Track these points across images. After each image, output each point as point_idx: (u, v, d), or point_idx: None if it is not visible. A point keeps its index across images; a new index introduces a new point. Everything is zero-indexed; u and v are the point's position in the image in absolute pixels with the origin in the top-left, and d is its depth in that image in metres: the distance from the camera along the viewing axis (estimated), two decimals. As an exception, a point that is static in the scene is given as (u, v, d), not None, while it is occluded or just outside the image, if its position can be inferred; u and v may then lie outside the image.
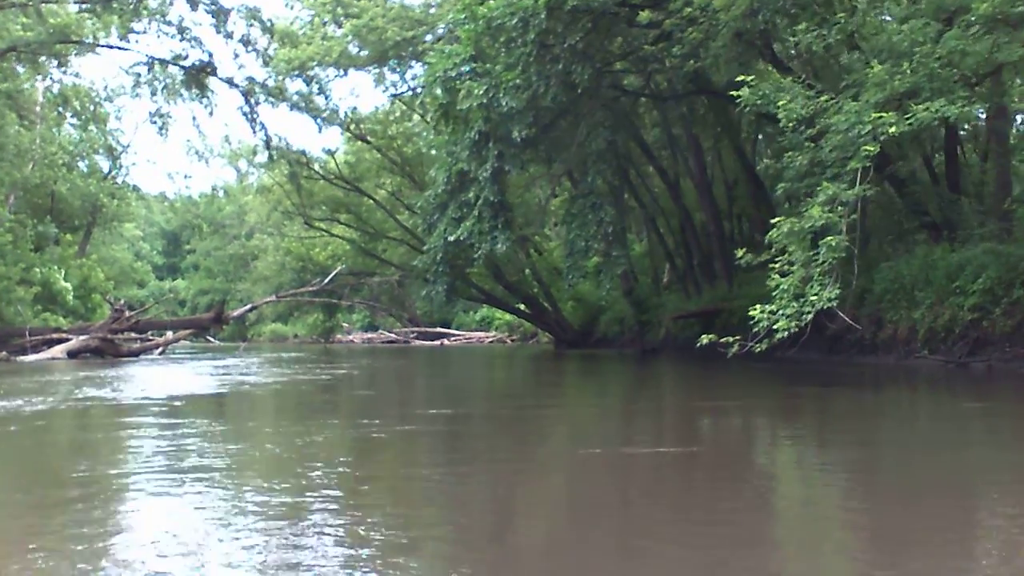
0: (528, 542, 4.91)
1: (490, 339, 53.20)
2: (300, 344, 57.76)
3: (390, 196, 42.60)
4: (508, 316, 53.31)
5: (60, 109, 46.16)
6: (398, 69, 36.69)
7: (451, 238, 23.15)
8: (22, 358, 26.28)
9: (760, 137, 32.94)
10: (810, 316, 11.46)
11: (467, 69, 20.83)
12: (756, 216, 29.61)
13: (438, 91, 21.83)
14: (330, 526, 4.90)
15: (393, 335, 57.27)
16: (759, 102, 12.80)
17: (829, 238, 11.52)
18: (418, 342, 54.57)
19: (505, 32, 20.31)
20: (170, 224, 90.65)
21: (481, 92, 20.14)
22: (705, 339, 12.38)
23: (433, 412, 12.76)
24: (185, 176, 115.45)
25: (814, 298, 11.37)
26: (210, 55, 27.63)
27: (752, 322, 12.46)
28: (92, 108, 47.41)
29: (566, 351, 36.78)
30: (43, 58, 30.01)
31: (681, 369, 23.54)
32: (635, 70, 24.49)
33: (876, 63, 12.06)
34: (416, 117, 41.34)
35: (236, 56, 29.08)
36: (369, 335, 60.25)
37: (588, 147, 20.56)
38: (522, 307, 41.48)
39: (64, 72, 35.05)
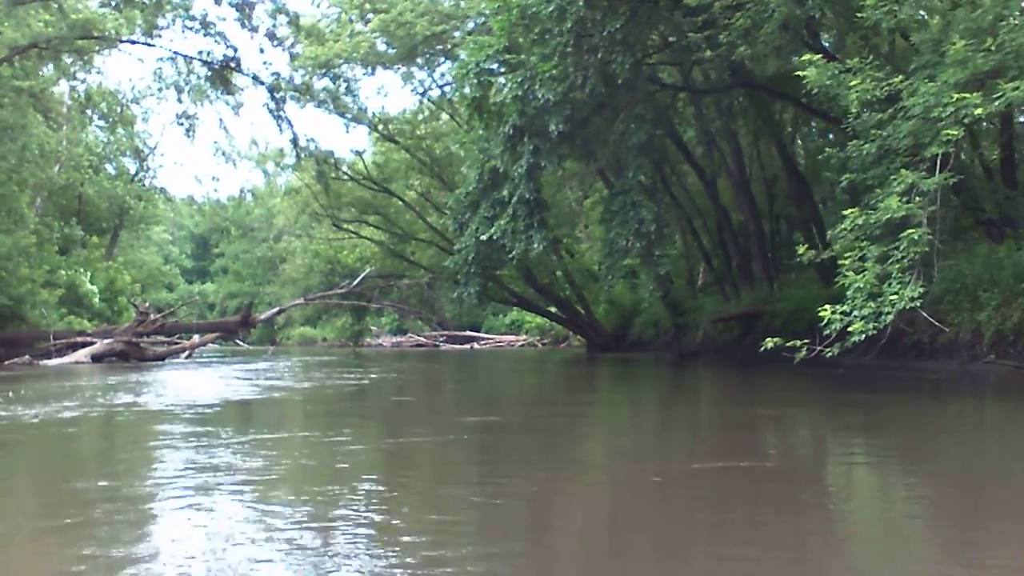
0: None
1: (520, 343, 52.09)
2: (329, 348, 56.93)
3: (419, 197, 41.63)
4: (539, 319, 52.23)
5: (88, 111, 45.70)
6: (426, 67, 35.75)
7: (483, 237, 22.12)
8: (45, 362, 25.51)
9: (800, 132, 31.76)
10: (890, 317, 10.30)
11: (501, 61, 19.81)
12: (798, 215, 28.38)
13: (470, 84, 20.75)
14: (361, 541, 4.70)
15: (422, 339, 56.28)
16: (828, 82, 11.68)
17: (910, 231, 10.37)
18: (447, 346, 53.57)
19: (540, 22, 19.24)
20: (199, 228, 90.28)
21: (516, 84, 19.10)
22: (770, 343, 11.22)
23: (470, 420, 11.77)
24: (213, 178, 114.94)
25: (894, 297, 10.21)
26: (235, 50, 26.77)
27: (822, 324, 11.26)
28: (119, 110, 46.88)
29: (599, 355, 35.66)
30: (66, 57, 29.20)
31: (724, 374, 22.38)
32: (674, 62, 23.36)
33: (957, 38, 10.89)
34: (445, 116, 40.38)
35: (261, 51, 27.99)
36: (398, 339, 59.30)
37: (628, 141, 19.46)
38: (554, 310, 40.40)
39: (88, 71, 34.26)
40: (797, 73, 12.18)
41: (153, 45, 26.98)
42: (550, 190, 28.04)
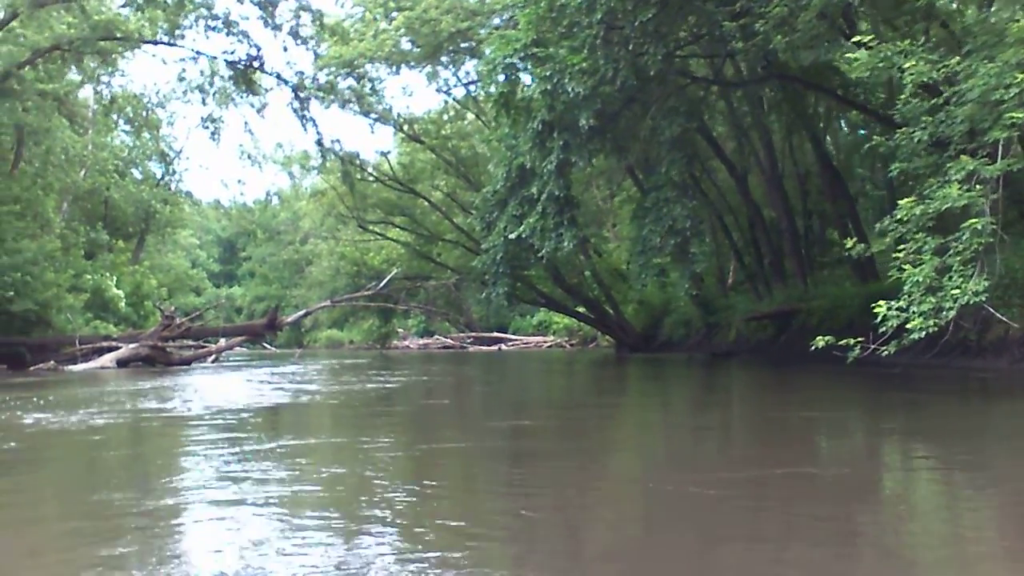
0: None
1: (548, 344, 51.43)
2: (356, 350, 56.56)
3: (445, 197, 41.13)
4: (566, 320, 51.57)
5: (114, 115, 45.56)
6: (451, 66, 35.25)
7: (511, 236, 21.60)
8: (70, 367, 25.16)
9: (830, 127, 31.01)
10: (952, 313, 9.63)
11: (528, 55, 19.24)
12: (833, 211, 27.62)
13: (497, 80, 20.22)
14: (391, 555, 4.54)
15: (449, 340, 55.72)
16: (880, 65, 11.01)
17: (972, 220, 9.70)
18: (475, 347, 52.99)
19: (568, 15, 18.70)
20: (226, 232, 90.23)
21: (544, 78, 18.53)
22: (821, 341, 10.56)
23: (501, 424, 11.39)
24: (239, 182, 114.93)
25: (956, 291, 9.54)
26: (258, 49, 26.29)
27: (878, 321, 10.60)
28: (144, 114, 46.69)
29: (629, 355, 35.01)
30: (89, 59, 28.89)
31: (760, 374, 21.71)
32: (706, 55, 22.71)
33: (1022, 15, 10.20)
34: (470, 116, 39.88)
35: (285, 49, 27.48)
36: (425, 341, 58.76)
37: (661, 135, 18.82)
38: (582, 310, 39.78)
39: (111, 74, 33.95)
40: (848, 56, 11.49)
41: (176, 45, 26.61)
42: (578, 188, 27.39)
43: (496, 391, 19.01)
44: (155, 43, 26.62)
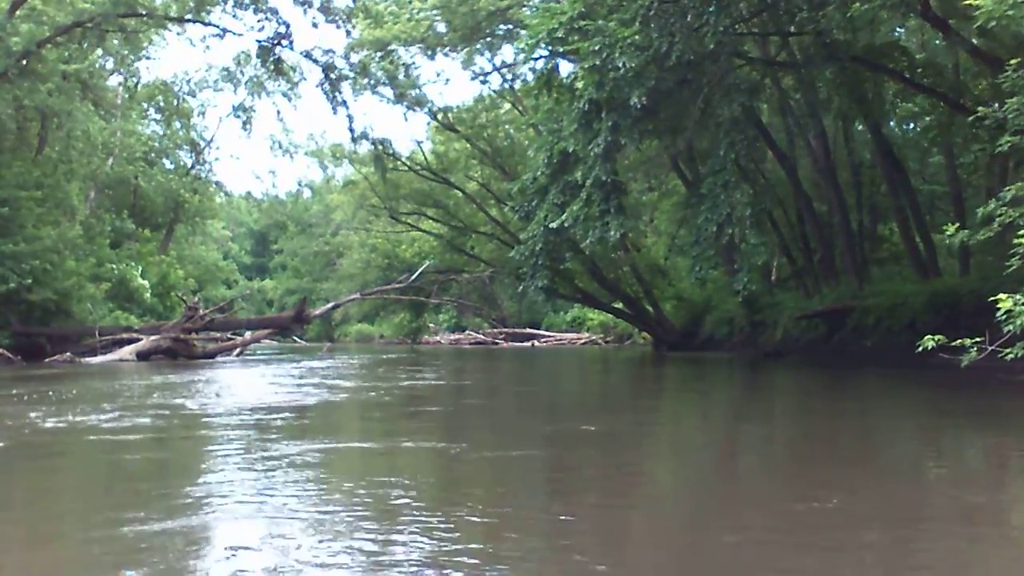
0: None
1: (583, 340, 49.79)
2: (386, 345, 55.16)
3: (480, 188, 39.55)
4: (601, 316, 50.02)
5: (143, 104, 44.44)
6: (488, 52, 33.65)
7: (552, 225, 19.96)
8: (88, 359, 23.90)
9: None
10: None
11: (575, 29, 17.63)
12: (894, 203, 25.73)
13: (541, 55, 18.64)
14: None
15: (481, 336, 54.22)
16: (1009, 13, 9.31)
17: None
18: (506, 343, 51.47)
19: (619, -16, 17.11)
20: (258, 224, 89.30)
21: (593, 52, 16.91)
22: (930, 341, 8.85)
23: (541, 429, 10.27)
24: (270, 172, 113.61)
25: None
26: (287, 26, 24.78)
27: (999, 316, 8.92)
28: (176, 103, 45.53)
29: (668, 353, 33.39)
30: (115, 40, 27.58)
31: (817, 376, 20.04)
32: (764, 32, 21.04)
33: None
34: (507, 105, 38.28)
35: (315, 26, 25.77)
36: (456, 336, 57.31)
37: (719, 115, 17.15)
38: (619, 306, 38.15)
39: (139, 57, 32.65)
40: (971, 2, 9.79)
41: (202, 22, 25.16)
42: (622, 177, 25.72)
43: (535, 392, 17.49)
44: (180, 21, 25.24)
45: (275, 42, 24.62)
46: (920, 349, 8.92)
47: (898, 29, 24.13)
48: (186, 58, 79.04)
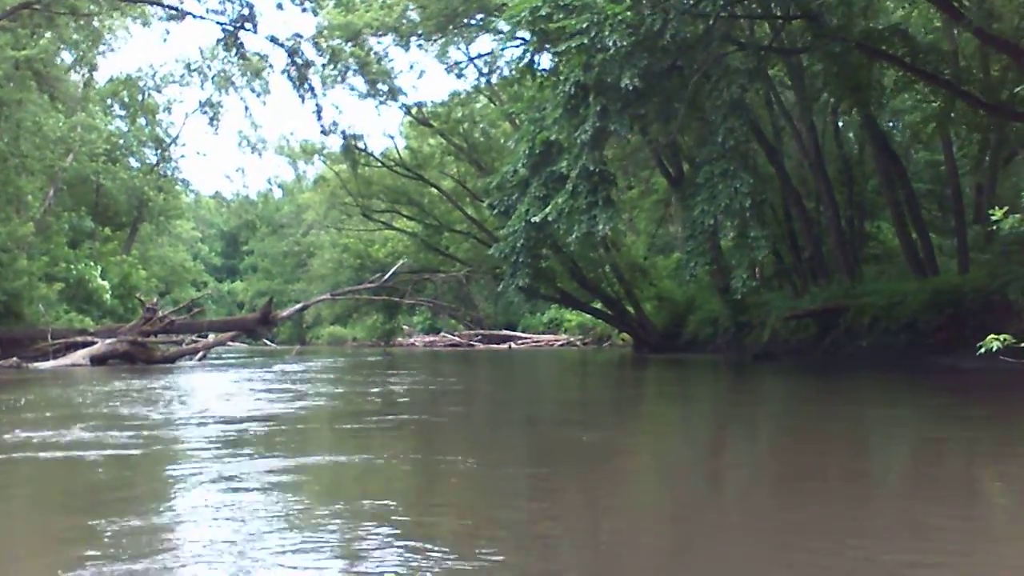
0: None
1: (560, 342, 48.33)
2: (359, 348, 53.42)
3: (455, 185, 37.98)
4: (579, 318, 48.62)
5: (108, 99, 42.61)
6: (463, 44, 32.16)
7: (535, 219, 18.49)
8: (36, 365, 22.18)
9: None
10: None
11: (561, 6, 16.17)
12: (889, 197, 24.44)
13: (523, 36, 17.18)
14: None
15: (456, 338, 52.64)
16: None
17: None
18: (482, 346, 49.91)
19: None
20: (228, 224, 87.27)
21: (581, 30, 15.47)
22: (993, 341, 7.38)
23: (523, 440, 9.37)
24: (238, 170, 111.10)
25: None
26: (250, 7, 23.08)
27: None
28: (141, 98, 43.71)
29: (649, 356, 32.01)
30: (69, 26, 25.86)
31: (815, 382, 18.69)
32: (758, 16, 19.69)
33: None
34: (483, 99, 36.77)
35: (280, 7, 24.03)
36: (431, 338, 55.66)
37: (718, 98, 15.75)
38: (600, 307, 36.72)
39: (96, 49, 30.86)
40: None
41: (160, 3, 23.46)
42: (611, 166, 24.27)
43: (514, 399, 16.10)
44: (134, 1, 23.55)
45: (238, 25, 22.99)
46: (983, 350, 7.46)
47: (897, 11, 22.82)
48: (151, 53, 77.07)
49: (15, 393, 14.60)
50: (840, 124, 28.57)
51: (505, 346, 48.76)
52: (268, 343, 51.78)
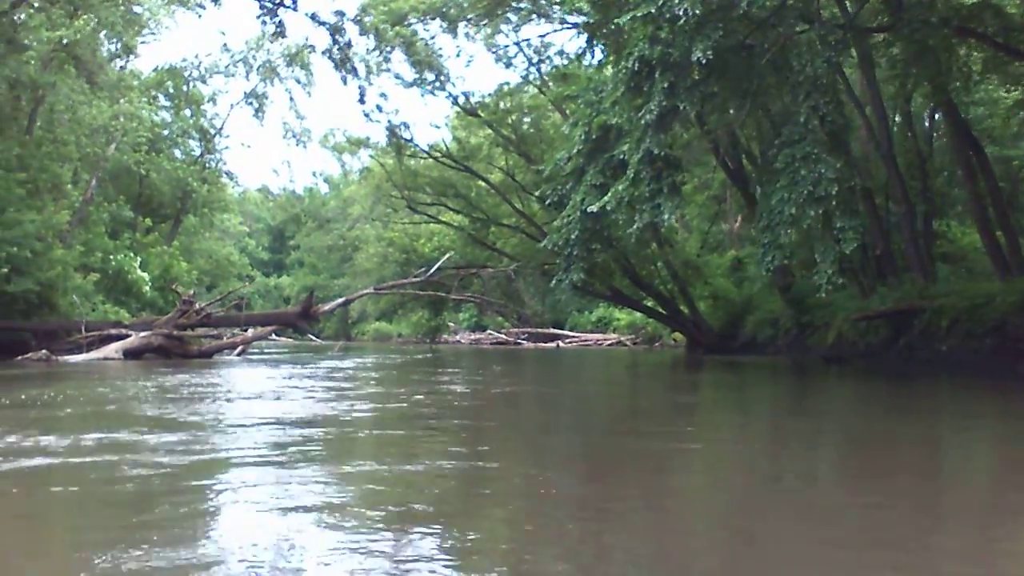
0: None
1: (609, 342, 46.64)
2: (403, 344, 52.11)
3: (504, 178, 36.51)
4: (628, 317, 46.96)
5: (152, 91, 41.70)
6: (512, 25, 30.64)
7: (592, 209, 16.99)
8: (67, 358, 21.05)
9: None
10: None
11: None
12: (971, 191, 22.51)
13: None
14: None
15: (503, 336, 51.15)
16: None
17: None
18: (529, 344, 48.38)
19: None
20: (275, 219, 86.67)
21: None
22: None
23: (582, 450, 7.98)
24: (285, 163, 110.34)
25: None
26: (288, -22, 21.72)
27: None
28: (186, 89, 42.81)
29: (705, 357, 30.28)
30: (114, 11, 24.77)
31: (906, 386, 16.92)
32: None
33: None
34: (532, 90, 35.27)
35: (322, -17, 22.71)
36: (476, 335, 54.25)
37: (799, 74, 14.10)
38: (652, 305, 35.05)
39: (138, 35, 29.77)
40: None
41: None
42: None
43: (565, 402, 14.50)
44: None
45: (278, 2, 21.69)
46: None
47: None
48: (196, 43, 76.17)
49: (40, 389, 13.43)
50: (911, 112, 26.64)
51: (553, 345, 47.23)
52: (313, 338, 50.53)
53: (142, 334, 22.60)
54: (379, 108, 30.00)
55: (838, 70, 23.30)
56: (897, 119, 27.19)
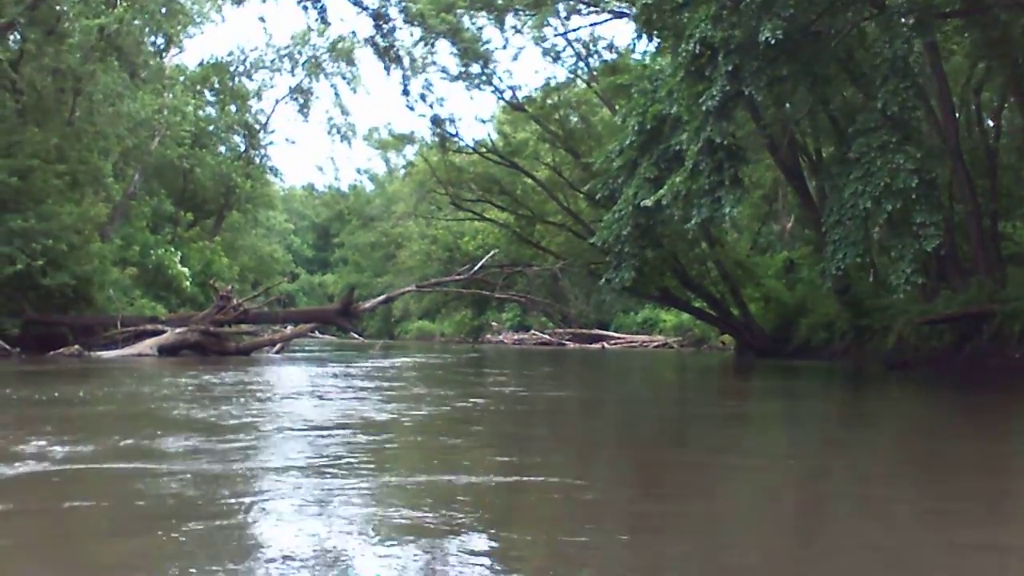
0: None
1: (655, 343, 45.34)
2: (446, 344, 51.17)
3: (551, 173, 35.45)
4: (675, 318, 45.64)
5: (198, 86, 41.20)
6: (560, 16, 29.58)
7: (647, 203, 15.92)
8: (99, 354, 20.35)
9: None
10: None
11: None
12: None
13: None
14: None
15: (547, 336, 50.03)
16: None
17: None
18: (573, 345, 47.20)
19: None
20: (320, 217, 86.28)
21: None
22: None
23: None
24: (330, 158, 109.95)
25: None
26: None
27: None
28: (231, 84, 42.26)
29: (756, 361, 29.01)
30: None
31: (978, 395, 15.59)
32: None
33: None
34: (581, 84, 34.20)
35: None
36: (520, 336, 53.15)
37: (876, 56, 12.93)
38: (702, 307, 33.79)
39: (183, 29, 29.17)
40: None
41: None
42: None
43: (616, 408, 13.42)
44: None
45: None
46: None
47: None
48: (243, 37, 76.01)
49: (73, 386, 12.69)
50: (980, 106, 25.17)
51: (597, 346, 46.03)
52: (356, 336, 49.81)
53: (178, 330, 21.87)
54: (422, 97, 28.98)
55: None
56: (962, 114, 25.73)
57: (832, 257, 13.55)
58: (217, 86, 42.43)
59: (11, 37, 23.64)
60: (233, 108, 43.13)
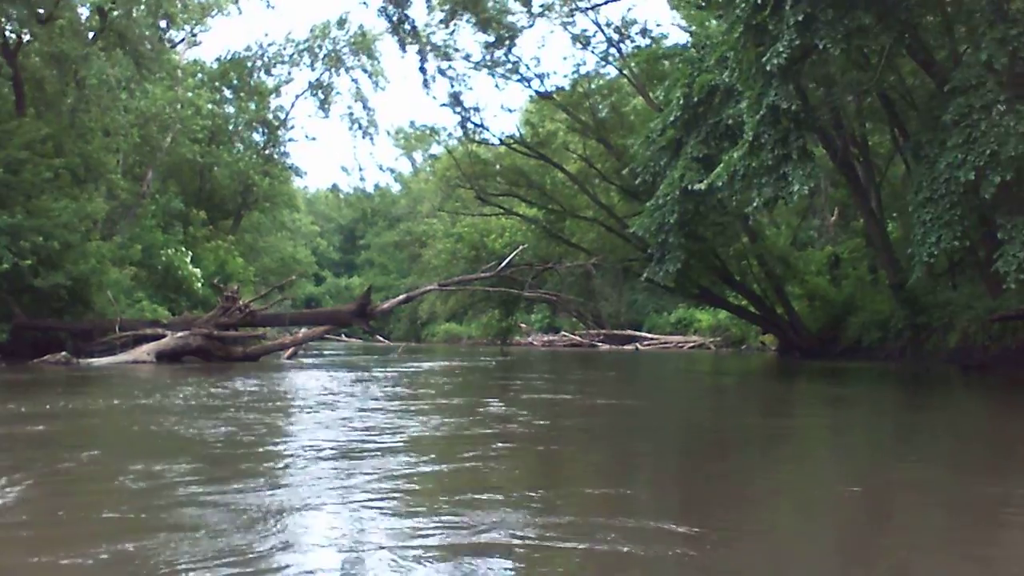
0: None
1: (691, 344, 42.99)
2: (473, 346, 48.99)
3: (582, 166, 33.26)
4: (710, 318, 43.33)
5: (216, 82, 39.46)
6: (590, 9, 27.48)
7: (698, 186, 13.73)
8: (89, 361, 18.41)
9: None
10: None
11: None
12: None
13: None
14: None
15: (577, 338, 47.77)
16: None
17: None
18: (605, 346, 44.88)
19: None
20: (345, 219, 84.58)
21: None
22: None
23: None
24: (354, 158, 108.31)
25: None
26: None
27: None
28: (250, 79, 40.42)
29: (802, 362, 26.66)
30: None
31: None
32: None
33: None
34: (612, 71, 32.05)
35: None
36: (549, 337, 50.90)
37: (974, 3, 10.68)
38: (744, 305, 31.52)
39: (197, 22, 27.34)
40: None
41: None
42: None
43: (658, 417, 11.16)
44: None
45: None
46: None
47: None
48: (262, 31, 74.32)
49: (58, 396, 10.93)
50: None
51: (631, 347, 43.71)
52: (381, 339, 47.76)
53: (178, 334, 19.91)
54: (440, 71, 26.78)
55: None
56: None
57: (923, 242, 11.29)
58: (236, 82, 40.63)
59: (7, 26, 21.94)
60: (252, 105, 41.30)
